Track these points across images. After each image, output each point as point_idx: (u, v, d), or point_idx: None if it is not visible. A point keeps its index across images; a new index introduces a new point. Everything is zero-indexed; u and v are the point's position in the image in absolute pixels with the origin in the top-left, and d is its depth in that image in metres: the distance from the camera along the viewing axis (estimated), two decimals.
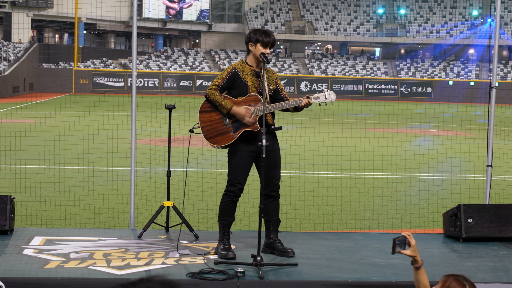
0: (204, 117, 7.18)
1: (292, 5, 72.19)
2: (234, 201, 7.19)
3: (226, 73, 7.12)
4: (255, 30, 7.21)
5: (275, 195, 7.27)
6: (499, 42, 9.12)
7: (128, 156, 8.85)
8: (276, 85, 7.27)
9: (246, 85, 7.09)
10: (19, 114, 30.97)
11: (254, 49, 7.13)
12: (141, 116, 10.82)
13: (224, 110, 7.06)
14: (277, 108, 7.08)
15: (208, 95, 7.10)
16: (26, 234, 7.92)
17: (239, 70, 7.14)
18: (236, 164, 7.10)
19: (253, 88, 7.11)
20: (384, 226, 10.11)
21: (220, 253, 7.09)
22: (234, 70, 7.13)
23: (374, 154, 17.72)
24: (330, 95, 7.17)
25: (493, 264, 7.21)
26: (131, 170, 8.56)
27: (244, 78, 7.11)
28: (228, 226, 7.24)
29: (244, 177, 7.12)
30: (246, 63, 7.19)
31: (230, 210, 7.20)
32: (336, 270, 6.78)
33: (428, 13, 70.51)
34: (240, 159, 7.09)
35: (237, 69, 7.14)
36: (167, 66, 62.97)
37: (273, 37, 7.20)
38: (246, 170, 7.13)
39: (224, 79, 7.11)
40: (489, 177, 8.90)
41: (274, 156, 7.17)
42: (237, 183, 7.10)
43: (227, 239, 7.21)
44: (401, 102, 50.76)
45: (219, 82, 7.11)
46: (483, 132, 17.56)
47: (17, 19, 56.13)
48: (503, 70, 64.05)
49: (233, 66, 7.19)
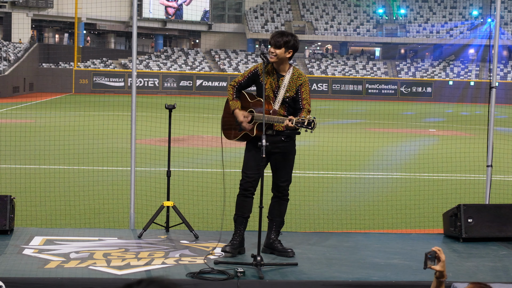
0: (227, 107, 7.32)
1: (292, 5, 72.19)
2: (245, 195, 7.17)
3: (248, 72, 7.22)
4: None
5: (281, 196, 7.28)
6: (499, 42, 9.12)
7: (128, 156, 8.85)
8: (297, 93, 7.08)
9: (263, 86, 7.07)
10: (19, 114, 30.97)
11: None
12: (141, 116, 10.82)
13: (230, 110, 7.21)
14: (270, 121, 6.95)
15: (228, 90, 7.28)
16: (26, 234, 7.92)
17: (261, 71, 7.12)
18: (247, 159, 7.18)
19: (270, 90, 7.11)
20: (384, 226, 10.11)
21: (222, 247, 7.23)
22: (256, 70, 7.16)
23: (374, 154, 17.73)
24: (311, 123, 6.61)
25: (493, 264, 7.21)
26: (131, 170, 8.56)
27: (264, 79, 7.04)
28: (240, 223, 7.22)
29: (253, 172, 7.09)
30: (272, 64, 7.19)
31: (241, 205, 7.19)
32: (336, 270, 6.78)
33: (428, 13, 70.51)
34: (251, 155, 7.14)
35: (259, 69, 7.14)
36: (167, 66, 62.97)
37: (275, 33, 7.17)
38: (254, 166, 7.10)
39: (245, 77, 7.20)
40: (489, 177, 8.90)
41: (283, 158, 7.15)
42: (245, 177, 7.14)
43: (237, 236, 7.22)
44: (401, 102, 50.75)
45: (239, 80, 7.24)
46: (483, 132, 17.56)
47: (17, 19, 56.13)
48: (503, 70, 64.05)
49: (257, 66, 7.21)
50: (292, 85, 7.09)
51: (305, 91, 7.11)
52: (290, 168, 7.23)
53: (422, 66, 66.35)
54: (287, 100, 7.09)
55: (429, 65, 66.48)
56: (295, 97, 7.09)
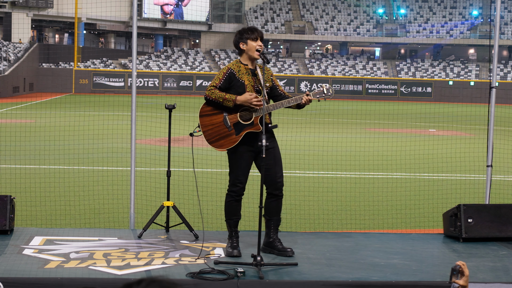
0: (205, 121, 7.15)
1: (292, 5, 72.19)
2: (237, 200, 7.20)
3: (222, 74, 7.12)
4: (240, 31, 7.29)
5: (279, 193, 7.25)
6: (499, 42, 9.12)
7: (128, 156, 8.85)
8: (272, 82, 7.27)
9: (243, 85, 7.09)
10: (19, 114, 30.97)
11: (247, 47, 7.16)
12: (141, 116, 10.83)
13: (230, 103, 7.01)
14: (278, 107, 7.11)
15: (208, 95, 7.07)
16: (26, 234, 7.92)
17: (235, 70, 7.13)
18: (236, 164, 7.11)
19: (250, 87, 7.11)
20: (384, 226, 10.11)
21: (226, 250, 7.17)
22: (230, 71, 7.13)
23: (374, 154, 17.73)
24: (329, 90, 7.26)
25: (493, 264, 7.21)
26: (131, 170, 8.56)
27: (241, 77, 7.11)
28: (235, 225, 7.26)
29: (244, 176, 7.14)
30: (241, 63, 7.20)
31: (235, 209, 7.21)
32: (336, 270, 6.78)
33: (428, 13, 70.51)
34: (240, 159, 7.10)
35: (233, 69, 7.13)
36: (167, 66, 62.97)
37: (254, 28, 7.28)
38: (246, 170, 7.14)
39: (221, 80, 7.09)
40: (489, 177, 8.90)
41: (274, 154, 7.17)
42: (238, 183, 7.11)
43: (235, 238, 7.23)
44: (401, 102, 50.75)
45: (216, 83, 7.09)
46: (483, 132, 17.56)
47: (17, 19, 56.11)
48: (503, 70, 64.04)
49: (229, 66, 7.19)
50: (267, 77, 7.21)
51: (276, 79, 7.40)
52: (282, 162, 7.28)
53: (422, 66, 66.34)
54: (267, 91, 7.20)
55: (429, 65, 66.48)
56: (272, 86, 7.26)
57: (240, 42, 7.21)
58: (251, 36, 7.17)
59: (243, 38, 7.20)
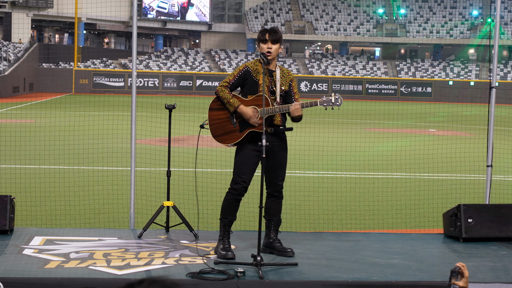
0: (213, 115, 7.23)
1: (292, 5, 72.19)
2: (237, 200, 7.16)
3: (238, 71, 7.17)
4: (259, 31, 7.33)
5: (278, 195, 7.26)
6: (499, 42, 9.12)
7: (128, 156, 8.85)
8: (289, 86, 7.24)
9: (257, 84, 7.11)
10: (19, 114, 30.97)
11: (259, 48, 7.22)
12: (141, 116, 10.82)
13: (231, 108, 7.07)
14: (275, 112, 7.05)
15: (218, 91, 7.14)
16: (26, 234, 7.92)
17: (252, 69, 7.16)
18: (241, 162, 7.11)
19: (264, 86, 7.12)
20: (384, 226, 10.12)
21: (219, 253, 7.07)
22: (247, 68, 7.16)
23: (374, 154, 17.73)
24: (338, 99, 7.20)
25: (493, 264, 7.21)
26: (131, 170, 8.56)
27: (256, 76, 7.12)
28: (229, 225, 7.23)
29: (248, 175, 7.09)
30: (260, 62, 7.21)
31: (232, 208, 7.18)
32: (336, 270, 6.78)
33: (428, 13, 70.50)
34: (245, 158, 7.10)
35: (250, 68, 7.16)
36: (167, 66, 62.97)
37: (270, 30, 7.23)
38: (250, 169, 7.10)
39: (236, 76, 7.15)
40: (489, 177, 8.90)
41: (279, 157, 7.16)
42: (240, 181, 7.08)
43: (227, 239, 7.19)
44: (401, 102, 50.74)
45: (230, 80, 7.16)
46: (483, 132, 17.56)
47: (17, 19, 56.11)
48: (503, 70, 64.04)
49: (246, 64, 7.23)
50: (284, 80, 7.22)
51: (295, 86, 7.34)
52: (286, 166, 7.27)
53: (422, 66, 66.34)
54: (282, 94, 7.19)
55: (429, 65, 66.48)
56: (288, 91, 7.24)
57: (256, 42, 7.34)
58: (261, 38, 7.21)
59: (257, 40, 7.29)
